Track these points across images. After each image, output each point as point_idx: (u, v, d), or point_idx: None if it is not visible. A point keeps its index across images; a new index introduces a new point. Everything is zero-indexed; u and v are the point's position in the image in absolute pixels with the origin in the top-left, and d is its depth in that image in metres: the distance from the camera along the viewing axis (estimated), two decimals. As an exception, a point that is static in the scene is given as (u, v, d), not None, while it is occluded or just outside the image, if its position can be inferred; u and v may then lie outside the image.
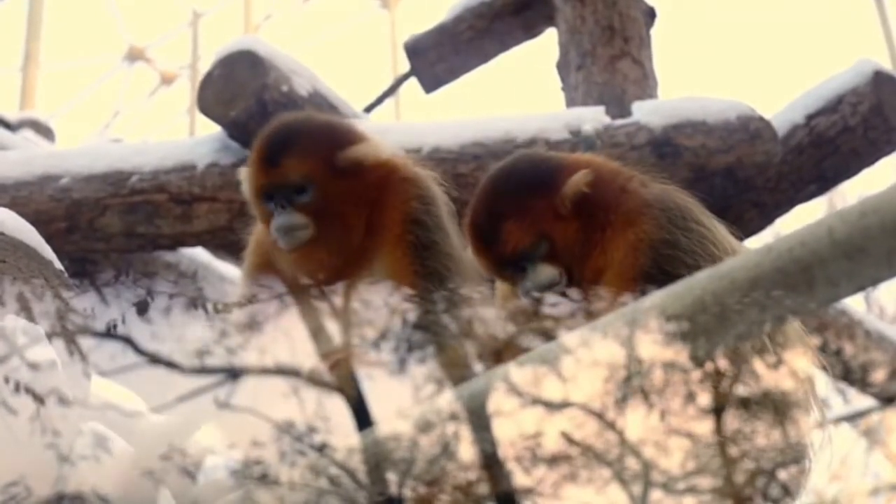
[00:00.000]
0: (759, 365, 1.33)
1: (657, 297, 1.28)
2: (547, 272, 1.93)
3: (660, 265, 1.83)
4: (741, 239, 2.04)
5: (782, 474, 1.30)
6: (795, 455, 1.64)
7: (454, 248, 2.07)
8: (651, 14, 3.76)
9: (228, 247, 3.01)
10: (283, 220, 2.03)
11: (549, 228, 1.94)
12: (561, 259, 1.94)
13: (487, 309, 1.44)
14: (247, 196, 2.12)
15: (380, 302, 1.41)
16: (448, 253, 2.05)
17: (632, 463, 1.21)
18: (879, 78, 3.31)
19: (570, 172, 1.97)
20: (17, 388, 1.44)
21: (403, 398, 1.31)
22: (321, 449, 1.29)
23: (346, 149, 2.07)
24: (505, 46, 3.99)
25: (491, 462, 1.25)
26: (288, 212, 2.03)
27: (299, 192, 2.04)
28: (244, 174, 2.13)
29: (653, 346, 1.24)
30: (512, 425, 1.25)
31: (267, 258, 2.11)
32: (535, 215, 1.95)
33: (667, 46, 3.95)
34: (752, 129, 3.11)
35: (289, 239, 2.03)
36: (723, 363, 1.28)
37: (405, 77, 4.19)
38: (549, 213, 1.95)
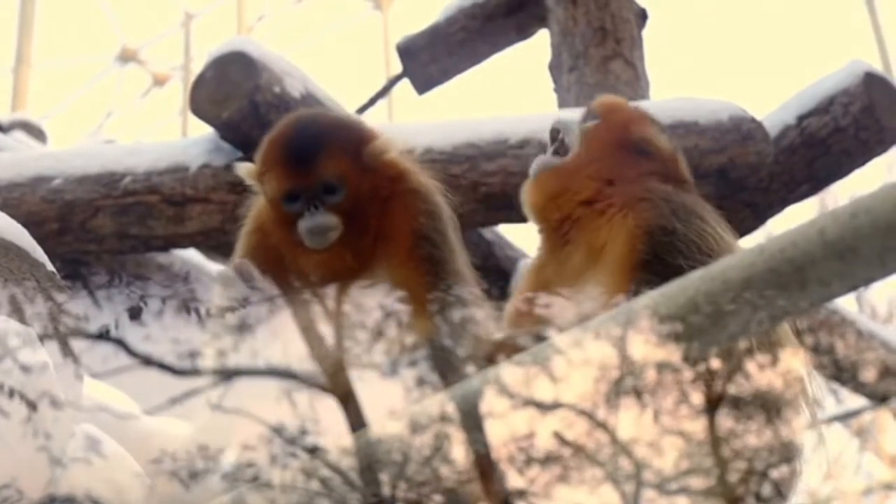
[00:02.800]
0: (750, 365, 1.34)
1: (650, 297, 1.28)
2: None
3: (656, 252, 1.83)
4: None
5: (774, 474, 1.30)
6: (787, 455, 1.65)
7: (461, 266, 2.07)
8: (643, 15, 3.77)
9: (221, 248, 3.00)
10: (316, 220, 2.00)
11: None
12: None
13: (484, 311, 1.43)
14: (265, 195, 2.07)
15: (376, 304, 1.41)
16: (457, 271, 2.05)
17: (624, 463, 1.22)
18: (871, 79, 3.31)
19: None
20: (11, 393, 1.43)
21: (396, 399, 1.31)
22: (313, 451, 1.29)
23: (368, 145, 2.07)
24: (497, 48, 4.00)
25: (483, 463, 1.25)
26: (321, 212, 2.00)
27: (329, 192, 2.02)
28: (256, 174, 2.08)
29: (645, 347, 1.24)
30: (504, 426, 1.25)
31: (267, 252, 2.06)
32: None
33: (659, 47, 3.95)
34: (744, 129, 3.11)
35: (320, 240, 2.00)
36: (715, 363, 1.28)
37: (398, 78, 4.19)
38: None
